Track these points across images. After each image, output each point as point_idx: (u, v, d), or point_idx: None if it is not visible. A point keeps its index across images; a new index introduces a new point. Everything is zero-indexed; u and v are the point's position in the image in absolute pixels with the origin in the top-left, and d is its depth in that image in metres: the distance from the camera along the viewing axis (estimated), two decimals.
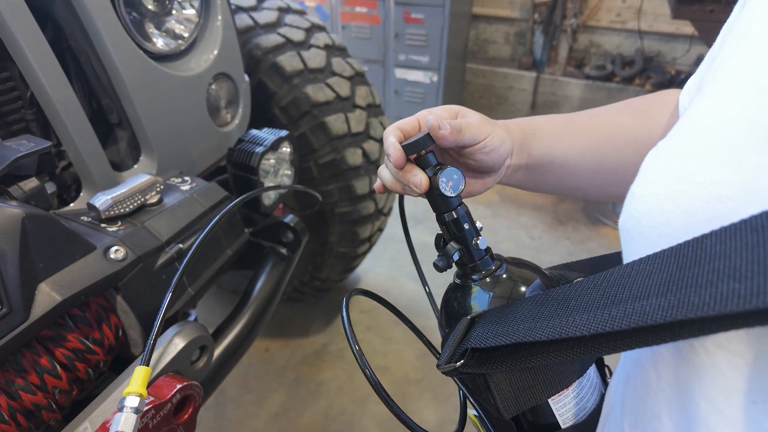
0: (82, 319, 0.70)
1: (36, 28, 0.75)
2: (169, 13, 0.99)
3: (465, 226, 0.46)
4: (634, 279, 0.28)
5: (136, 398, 0.49)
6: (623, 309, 0.26)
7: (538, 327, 0.32)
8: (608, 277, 0.30)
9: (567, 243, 2.50)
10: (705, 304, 0.22)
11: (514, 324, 0.34)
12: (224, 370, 0.91)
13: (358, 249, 1.69)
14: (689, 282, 0.24)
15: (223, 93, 1.15)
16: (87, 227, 0.76)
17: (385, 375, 1.76)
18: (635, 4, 3.16)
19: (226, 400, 1.69)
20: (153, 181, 0.84)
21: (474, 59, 3.81)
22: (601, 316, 0.27)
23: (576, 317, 0.29)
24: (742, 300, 0.20)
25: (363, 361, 0.45)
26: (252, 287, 1.03)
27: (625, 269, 0.29)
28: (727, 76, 0.29)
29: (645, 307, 0.25)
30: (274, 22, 1.44)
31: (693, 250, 0.25)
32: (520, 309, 0.36)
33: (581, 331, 0.28)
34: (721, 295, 0.21)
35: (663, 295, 0.25)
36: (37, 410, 0.64)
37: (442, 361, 0.39)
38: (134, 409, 0.49)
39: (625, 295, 0.27)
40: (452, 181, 0.45)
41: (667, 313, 0.23)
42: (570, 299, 0.32)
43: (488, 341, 0.35)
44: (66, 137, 0.82)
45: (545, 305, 0.34)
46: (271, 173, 1.16)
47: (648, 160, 0.32)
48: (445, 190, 0.45)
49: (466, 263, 0.47)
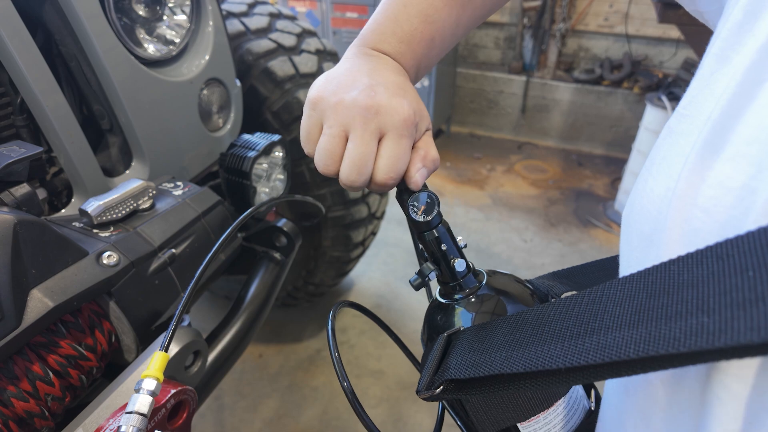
0: (75, 325, 0.70)
1: (26, 34, 0.74)
2: (160, 18, 1.00)
3: (443, 246, 0.44)
4: (605, 306, 0.28)
5: (153, 381, 0.49)
6: (596, 340, 0.26)
7: (514, 357, 0.31)
8: (580, 301, 0.30)
9: (559, 245, 2.52)
10: (675, 340, 0.22)
11: (491, 353, 0.34)
12: (218, 376, 0.91)
13: (352, 253, 1.69)
14: (659, 313, 0.23)
15: (214, 98, 1.15)
16: (79, 233, 0.76)
17: (379, 379, 1.76)
18: (622, 8, 3.20)
19: (220, 406, 1.68)
20: (145, 186, 0.83)
21: (464, 64, 3.84)
22: (575, 347, 0.27)
23: (551, 347, 0.29)
24: (711, 337, 0.20)
25: (341, 371, 0.44)
26: (245, 292, 1.03)
27: (596, 293, 0.29)
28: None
29: (618, 340, 0.25)
30: (265, 27, 1.44)
31: (661, 276, 0.25)
32: (497, 333, 0.36)
33: (556, 364, 0.28)
34: (690, 329, 0.21)
35: (634, 326, 0.24)
36: (30, 418, 0.63)
37: (422, 387, 0.38)
38: (150, 392, 0.49)
39: (597, 324, 0.27)
40: (425, 206, 0.43)
41: (639, 348, 0.23)
42: (544, 325, 0.31)
43: (466, 372, 0.34)
44: (57, 143, 0.82)
45: (520, 329, 0.34)
46: (263, 178, 1.16)
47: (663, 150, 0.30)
48: (416, 216, 0.43)
49: (448, 282, 0.45)
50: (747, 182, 0.23)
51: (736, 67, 0.26)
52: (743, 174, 0.23)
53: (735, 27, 0.27)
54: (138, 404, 0.48)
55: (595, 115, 3.49)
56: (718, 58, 0.28)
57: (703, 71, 0.29)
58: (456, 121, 3.97)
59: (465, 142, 3.79)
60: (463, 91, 3.86)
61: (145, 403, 0.48)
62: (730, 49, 0.27)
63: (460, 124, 3.99)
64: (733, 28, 0.27)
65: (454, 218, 2.75)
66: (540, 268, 2.34)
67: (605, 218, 2.75)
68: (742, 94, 0.24)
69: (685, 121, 0.29)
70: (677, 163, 0.27)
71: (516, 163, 3.43)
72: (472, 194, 3.01)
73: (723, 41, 0.28)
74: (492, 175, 3.26)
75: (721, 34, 0.28)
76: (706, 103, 0.27)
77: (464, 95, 3.87)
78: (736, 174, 0.23)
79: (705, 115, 0.26)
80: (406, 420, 1.63)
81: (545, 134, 3.75)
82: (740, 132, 0.24)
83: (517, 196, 2.99)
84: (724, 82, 0.26)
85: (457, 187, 3.09)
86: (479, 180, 3.19)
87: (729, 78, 0.26)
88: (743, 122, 0.24)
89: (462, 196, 2.99)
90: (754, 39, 0.25)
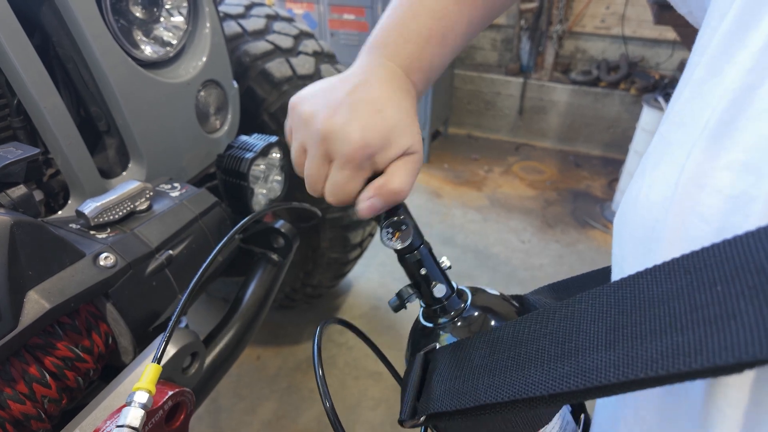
0: (72, 326, 0.70)
1: (23, 36, 0.74)
2: (157, 20, 0.99)
3: (422, 271, 0.43)
4: (579, 323, 0.27)
5: (145, 394, 0.49)
6: (575, 364, 0.26)
7: (497, 384, 0.31)
8: (553, 317, 0.30)
9: (556, 246, 2.52)
10: (653, 362, 0.21)
11: (473, 380, 0.33)
12: (216, 378, 0.91)
13: (350, 254, 1.69)
14: (632, 331, 0.23)
15: (212, 99, 1.15)
16: (76, 234, 0.76)
17: (378, 381, 1.76)
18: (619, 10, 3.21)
19: (218, 408, 1.67)
20: (142, 187, 0.83)
21: (462, 65, 3.84)
22: (555, 371, 0.27)
23: (530, 372, 0.29)
24: (687, 358, 0.20)
25: (324, 389, 0.43)
26: (243, 293, 1.02)
27: (568, 308, 0.29)
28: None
29: (597, 363, 0.24)
30: (262, 29, 1.44)
31: (631, 290, 0.24)
32: (474, 354, 0.35)
33: (539, 391, 0.27)
34: (666, 349, 0.21)
35: (611, 347, 0.24)
36: (26, 420, 0.63)
37: (405, 416, 0.37)
38: (142, 405, 0.48)
39: (573, 345, 0.27)
40: (399, 232, 0.42)
41: (619, 372, 0.23)
42: (521, 345, 0.31)
43: (450, 404, 0.34)
44: (54, 145, 0.82)
45: (497, 349, 0.33)
46: (261, 179, 1.16)
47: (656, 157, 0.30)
48: (390, 242, 0.42)
49: (430, 305, 0.44)
50: (746, 189, 0.23)
51: (730, 76, 0.25)
52: (742, 182, 0.23)
53: (727, 35, 0.27)
54: (129, 418, 0.47)
55: (592, 117, 3.50)
56: (710, 67, 0.28)
57: (694, 78, 0.29)
58: (453, 123, 3.97)
59: (462, 143, 3.80)
60: (460, 93, 3.87)
61: (137, 417, 0.47)
62: (722, 57, 0.27)
63: (458, 125, 4.00)
64: (725, 37, 0.27)
65: (451, 219, 2.75)
66: (538, 269, 2.34)
67: (603, 219, 2.75)
68: (739, 102, 0.24)
69: (680, 130, 0.29)
70: (674, 171, 0.27)
71: (513, 165, 3.43)
72: (470, 195, 3.01)
73: (715, 49, 0.28)
74: (489, 176, 3.27)
75: (712, 42, 0.28)
76: (701, 111, 0.27)
77: (462, 97, 3.88)
78: (734, 181, 0.23)
79: (701, 123, 0.26)
80: None
81: (542, 135, 3.76)
82: (738, 139, 0.24)
83: (514, 197, 3.00)
84: (719, 91, 0.26)
85: (455, 189, 3.09)
86: (477, 181, 3.19)
87: (724, 87, 0.26)
88: (740, 129, 0.24)
89: (460, 197, 2.99)
90: (747, 47, 0.25)
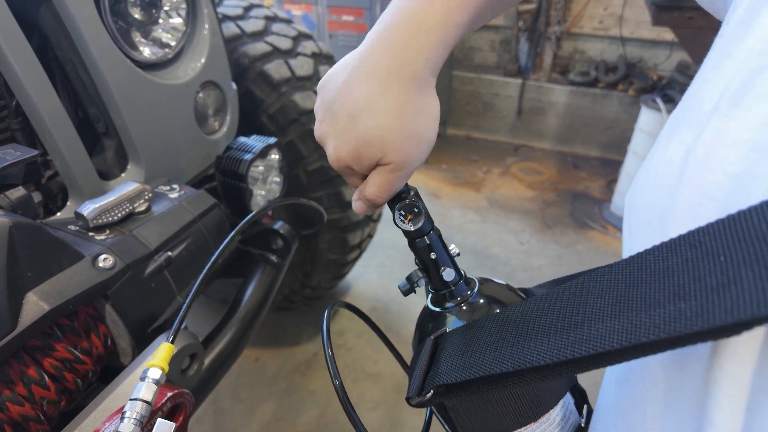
0: (71, 328, 0.70)
1: (21, 37, 0.74)
2: (156, 21, 1.00)
3: (432, 255, 0.43)
4: (587, 298, 0.28)
5: (158, 371, 0.50)
6: (580, 333, 0.27)
7: (502, 356, 0.32)
8: (562, 295, 0.31)
9: (555, 247, 2.52)
10: (656, 327, 0.22)
11: (479, 354, 0.34)
12: (215, 379, 0.91)
13: (348, 256, 1.69)
14: (638, 302, 0.24)
15: (210, 101, 1.15)
16: (75, 236, 0.76)
17: (377, 383, 1.76)
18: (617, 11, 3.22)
19: (216, 410, 1.67)
20: (141, 189, 0.83)
21: (460, 66, 3.85)
22: (560, 341, 0.28)
23: (537, 344, 0.30)
24: (689, 321, 0.21)
25: (334, 370, 0.43)
26: (242, 295, 1.02)
27: (577, 287, 0.30)
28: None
29: (601, 331, 0.25)
30: (261, 30, 1.44)
31: (638, 266, 0.25)
32: (483, 333, 0.36)
33: (543, 360, 0.28)
34: (669, 316, 0.22)
35: (616, 317, 0.25)
36: (25, 422, 0.63)
37: (412, 393, 0.38)
38: (155, 381, 0.49)
39: (580, 318, 0.28)
40: (411, 215, 0.42)
41: (623, 338, 0.24)
42: (528, 321, 0.32)
43: (456, 376, 0.34)
44: (52, 146, 0.82)
45: (505, 327, 0.34)
46: (259, 180, 1.16)
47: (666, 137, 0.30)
48: (402, 224, 0.42)
49: (438, 290, 0.45)
50: (749, 168, 0.23)
51: (740, 58, 0.26)
52: (746, 160, 0.24)
53: (740, 20, 0.28)
54: (143, 392, 0.48)
55: (590, 118, 3.51)
56: (720, 53, 0.29)
57: (706, 65, 0.30)
58: (452, 124, 3.98)
59: (461, 144, 3.80)
60: (459, 94, 3.87)
61: (150, 391, 0.49)
62: (734, 41, 0.28)
63: (457, 126, 4.00)
64: (738, 22, 0.28)
65: (450, 220, 2.75)
66: (537, 270, 2.34)
67: (601, 220, 2.76)
68: (748, 83, 0.25)
69: (689, 112, 0.29)
70: (682, 151, 0.28)
71: (512, 166, 3.44)
72: (469, 196, 3.02)
73: (726, 37, 0.29)
74: (488, 177, 3.27)
75: (725, 31, 0.29)
76: (711, 92, 0.27)
77: (460, 98, 3.88)
78: (739, 160, 0.24)
79: (710, 104, 0.27)
80: (403, 423, 1.63)
81: (541, 136, 3.76)
82: (745, 119, 0.24)
83: (513, 198, 3.00)
84: (729, 73, 0.27)
85: (454, 190, 3.10)
86: (476, 182, 3.19)
87: (734, 68, 0.26)
88: (747, 109, 0.24)
89: (458, 198, 2.99)
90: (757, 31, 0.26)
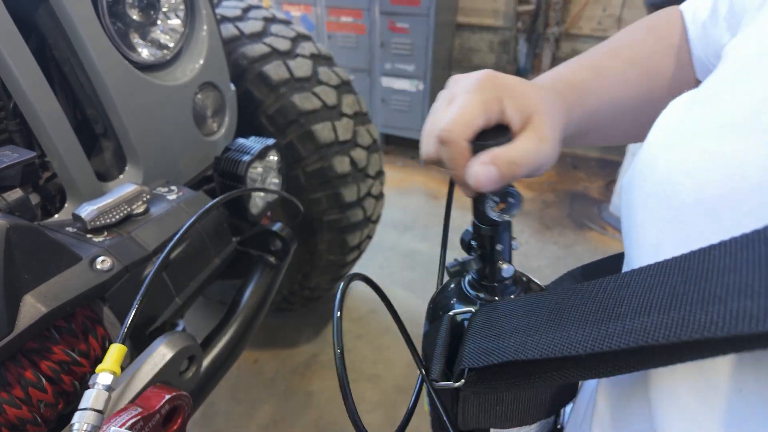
0: (68, 330, 0.69)
1: (19, 38, 0.74)
2: (155, 23, 0.99)
3: (498, 247, 0.41)
4: (634, 291, 0.25)
5: (109, 375, 0.47)
6: (621, 325, 0.24)
7: (529, 343, 0.29)
8: (604, 286, 0.28)
9: (554, 248, 2.52)
10: (713, 323, 0.20)
11: (503, 339, 0.31)
12: (213, 381, 0.90)
13: (347, 257, 1.69)
14: (695, 298, 0.21)
15: (209, 102, 1.15)
16: (72, 238, 0.75)
17: (376, 384, 1.75)
18: (615, 12, 3.22)
19: (215, 412, 1.67)
20: (139, 190, 0.83)
21: (459, 67, 3.85)
22: (598, 332, 0.25)
23: (570, 332, 0.27)
24: (754, 320, 0.18)
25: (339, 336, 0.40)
26: (240, 296, 1.02)
27: (623, 279, 0.27)
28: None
29: (646, 324, 0.23)
30: (259, 31, 1.44)
31: (699, 261, 0.22)
32: (509, 317, 0.34)
33: (577, 350, 0.25)
34: (730, 313, 0.19)
35: (665, 311, 0.22)
36: (22, 425, 0.63)
37: (436, 376, 0.36)
38: (106, 387, 0.46)
39: (623, 310, 0.25)
40: (505, 204, 0.38)
41: (670, 332, 0.21)
42: (563, 309, 0.29)
43: (479, 360, 0.32)
44: (50, 148, 0.81)
45: (535, 313, 0.31)
46: (258, 182, 1.16)
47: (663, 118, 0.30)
48: (490, 212, 0.39)
49: (488, 280, 0.42)
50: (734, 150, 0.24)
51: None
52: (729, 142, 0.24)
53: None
54: (92, 400, 0.45)
55: None
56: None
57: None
58: None
59: None
60: None
61: (101, 399, 0.45)
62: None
63: None
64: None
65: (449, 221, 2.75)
66: (536, 271, 2.34)
67: (600, 221, 2.76)
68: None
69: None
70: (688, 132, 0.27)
71: None
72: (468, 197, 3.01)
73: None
74: None
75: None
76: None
77: None
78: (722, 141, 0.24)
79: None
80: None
81: None
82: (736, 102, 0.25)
83: None
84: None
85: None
86: None
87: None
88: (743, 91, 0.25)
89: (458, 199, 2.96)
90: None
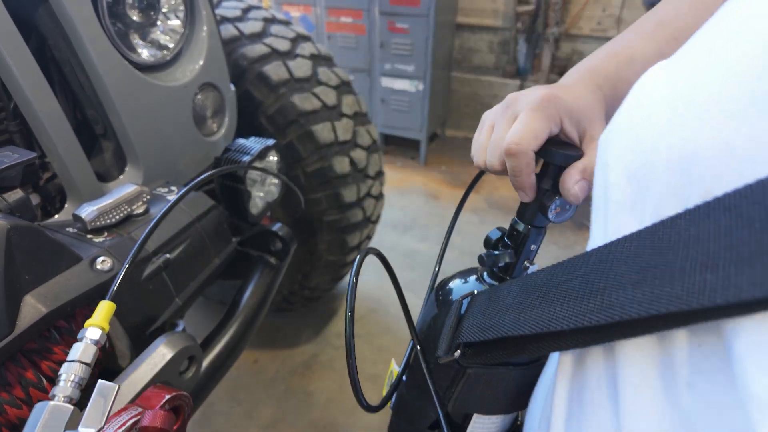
0: (69, 330, 0.69)
1: (19, 39, 0.74)
2: (154, 23, 0.99)
3: (532, 247, 0.46)
4: (611, 264, 0.27)
5: (97, 330, 0.48)
6: (600, 300, 0.26)
7: (522, 319, 0.31)
8: (587, 261, 0.29)
9: (554, 248, 2.53)
10: (677, 298, 0.21)
11: (500, 315, 0.34)
12: (213, 381, 0.90)
13: (347, 257, 1.69)
14: (663, 271, 0.22)
15: (209, 103, 1.15)
16: (73, 238, 0.76)
17: (376, 383, 1.76)
18: (615, 12, 3.22)
19: (215, 412, 1.67)
20: (139, 191, 0.83)
21: (459, 68, 3.85)
22: (579, 308, 0.27)
23: (556, 309, 0.29)
24: (713, 293, 0.19)
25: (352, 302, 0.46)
26: (240, 297, 1.02)
27: (602, 252, 0.28)
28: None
29: (621, 299, 0.24)
30: (259, 32, 1.44)
31: (667, 232, 0.23)
32: (507, 295, 0.37)
33: (560, 325, 0.28)
34: (692, 287, 0.20)
35: (637, 285, 0.24)
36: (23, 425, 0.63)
37: (442, 353, 0.39)
38: (94, 341, 0.47)
39: (602, 284, 0.26)
40: (563, 210, 0.43)
41: (641, 308, 0.22)
42: (552, 286, 0.31)
43: (476, 335, 0.35)
44: (50, 148, 0.82)
45: (529, 292, 0.33)
46: (258, 182, 1.16)
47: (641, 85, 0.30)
48: (550, 214, 0.43)
49: (508, 277, 0.47)
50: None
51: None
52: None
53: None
54: (81, 353, 0.45)
55: None
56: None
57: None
58: (451, 125, 3.98)
59: (460, 146, 3.80)
60: (457, 96, 3.87)
61: (89, 352, 0.46)
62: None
63: (455, 128, 4.00)
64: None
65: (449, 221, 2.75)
66: None
67: None
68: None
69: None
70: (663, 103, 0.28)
71: None
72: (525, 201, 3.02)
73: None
74: (487, 178, 3.27)
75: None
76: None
77: (459, 99, 3.88)
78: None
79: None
80: None
81: None
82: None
83: (512, 199, 3.00)
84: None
85: (452, 191, 3.10)
86: None
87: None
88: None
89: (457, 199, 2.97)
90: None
